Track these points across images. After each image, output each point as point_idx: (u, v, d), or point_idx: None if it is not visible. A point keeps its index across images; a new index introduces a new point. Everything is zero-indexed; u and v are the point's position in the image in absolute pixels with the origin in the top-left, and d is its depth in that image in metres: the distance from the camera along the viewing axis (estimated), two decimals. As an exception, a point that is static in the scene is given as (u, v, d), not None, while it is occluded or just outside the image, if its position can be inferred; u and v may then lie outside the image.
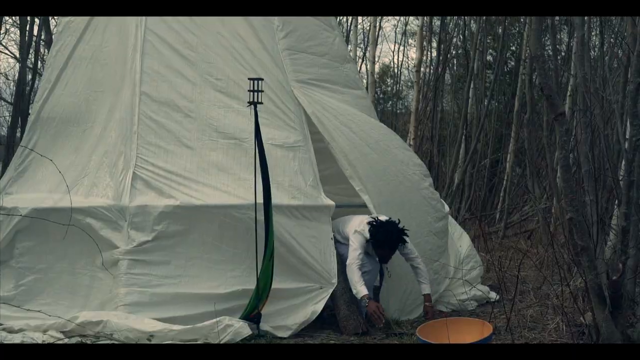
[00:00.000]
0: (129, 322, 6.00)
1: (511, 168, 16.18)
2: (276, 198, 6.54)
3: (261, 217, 6.36)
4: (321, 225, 6.84)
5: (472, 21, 19.72)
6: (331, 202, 6.93)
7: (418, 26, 14.48)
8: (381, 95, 30.76)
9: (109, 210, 6.47)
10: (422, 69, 17.32)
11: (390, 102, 30.29)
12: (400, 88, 28.05)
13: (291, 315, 6.53)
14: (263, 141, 6.45)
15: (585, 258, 5.22)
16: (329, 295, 6.69)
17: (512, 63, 23.44)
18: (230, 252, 6.59)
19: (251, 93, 6.33)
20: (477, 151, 16.05)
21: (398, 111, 27.57)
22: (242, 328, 6.10)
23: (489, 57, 22.57)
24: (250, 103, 6.33)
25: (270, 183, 6.39)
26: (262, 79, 6.36)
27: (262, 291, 6.29)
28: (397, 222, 6.83)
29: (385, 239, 6.80)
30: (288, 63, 7.53)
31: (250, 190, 6.42)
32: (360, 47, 21.03)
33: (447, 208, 8.25)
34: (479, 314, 7.64)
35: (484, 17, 15.66)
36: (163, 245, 6.44)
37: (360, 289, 6.55)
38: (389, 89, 31.21)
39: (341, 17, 19.00)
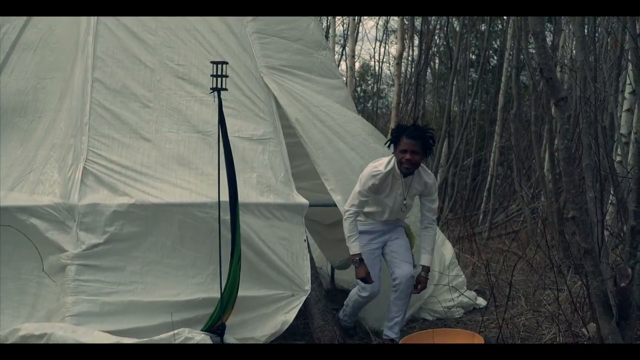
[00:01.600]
0: (76, 335, 5.32)
1: (495, 167, 15.59)
2: (243, 195, 5.92)
3: (226, 216, 5.73)
4: (293, 226, 6.21)
5: (454, 18, 19.23)
6: (304, 201, 6.30)
7: (399, 19, 13.82)
8: (362, 94, 30.20)
9: (55, 209, 5.77)
10: (403, 65, 16.83)
11: (370, 102, 29.81)
12: (381, 87, 27.57)
13: (259, 326, 5.90)
14: (229, 133, 5.79)
15: (590, 262, 4.60)
16: (301, 303, 6.05)
17: (495, 61, 23.04)
18: (192, 256, 5.94)
19: (214, 78, 5.66)
20: (460, 150, 15.46)
21: (379, 111, 27.07)
22: (203, 341, 5.44)
23: (472, 56, 22.14)
24: (213, 89, 5.66)
25: (237, 179, 5.73)
26: (226, 63, 5.69)
27: (227, 300, 5.66)
28: None
29: (403, 127, 6.17)
30: (257, 47, 6.87)
31: (214, 186, 5.78)
32: (339, 43, 20.50)
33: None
34: (467, 323, 7.04)
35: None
36: (116, 249, 5.78)
37: (351, 245, 6.01)
38: (370, 87, 30.70)
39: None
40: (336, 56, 19.91)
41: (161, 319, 5.63)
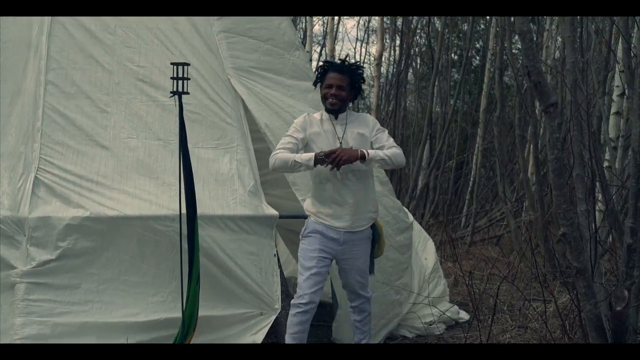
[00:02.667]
0: None
1: (478, 170, 15.22)
2: (207, 207, 5.53)
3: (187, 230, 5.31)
4: (262, 240, 5.79)
5: (435, 18, 18.86)
6: (274, 212, 5.88)
7: (379, 17, 13.41)
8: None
9: (3, 222, 5.33)
10: (384, 66, 16.45)
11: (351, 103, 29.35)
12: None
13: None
14: (192, 141, 5.37)
15: (582, 283, 4.21)
16: (270, 323, 5.65)
17: (477, 61, 22.72)
18: (152, 272, 5.52)
19: (175, 81, 5.22)
20: (442, 152, 15.07)
21: (359, 111, 26.63)
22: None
23: (454, 56, 21.83)
24: (173, 93, 5.22)
25: (196, 189, 5.31)
26: (188, 64, 5.26)
27: (189, 321, 5.23)
28: None
29: (330, 62, 5.58)
30: (224, 48, 6.43)
31: (176, 198, 5.35)
32: (318, 43, 20.10)
33: (410, 217, 7.18)
34: (448, 341, 6.62)
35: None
36: (69, 266, 5.33)
37: (301, 158, 5.14)
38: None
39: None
40: (315, 56, 19.49)
41: (117, 340, 5.22)
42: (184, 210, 5.32)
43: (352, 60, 5.52)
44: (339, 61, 5.44)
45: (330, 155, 5.04)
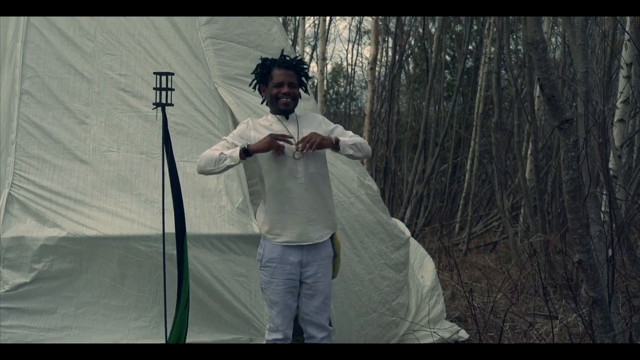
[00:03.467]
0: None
1: (475, 175, 14.88)
2: (193, 226, 5.19)
3: (172, 251, 4.95)
4: (252, 260, 5.42)
5: (429, 19, 18.55)
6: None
7: (373, 19, 13.05)
8: (334, 96, 29.45)
9: (-27, 243, 4.99)
10: (377, 67, 16.12)
11: (343, 103, 29.11)
12: (354, 89, 26.89)
13: (212, 377, 5.11)
14: (178, 154, 5.00)
15: (599, 314, 3.86)
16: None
17: (471, 62, 22.42)
18: (134, 296, 5.21)
19: (157, 92, 4.85)
20: (439, 157, 14.73)
21: (352, 112, 26.37)
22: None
23: (447, 57, 21.55)
24: (156, 105, 4.86)
25: (186, 207, 4.95)
26: (171, 74, 4.88)
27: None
28: None
29: (270, 59, 4.89)
30: (211, 55, 6.06)
31: (160, 215, 4.99)
32: (309, 44, 19.77)
33: (407, 233, 6.82)
34: (449, 364, 6.27)
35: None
36: (45, 289, 5.04)
37: (228, 156, 4.55)
38: (342, 89, 29.98)
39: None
40: (306, 57, 19.14)
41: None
42: (167, 230, 4.96)
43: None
44: (280, 57, 4.87)
45: (303, 140, 4.54)
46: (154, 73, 4.87)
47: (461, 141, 19.27)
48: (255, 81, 4.94)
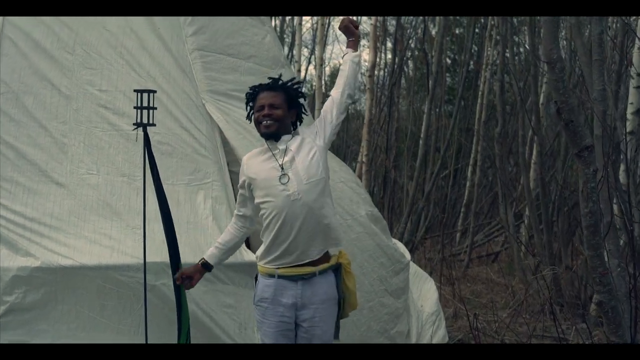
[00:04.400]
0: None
1: (478, 183, 14.51)
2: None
3: (156, 281, 4.62)
4: (241, 290, 5.06)
5: (429, 21, 18.21)
6: (254, 258, 5.13)
7: (372, 24, 12.67)
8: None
9: (-59, 274, 4.64)
10: (375, 72, 15.79)
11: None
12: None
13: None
14: (162, 177, 4.61)
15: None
16: (251, 388, 4.89)
17: (471, 65, 22.10)
18: (114, 328, 4.84)
19: (138, 111, 4.48)
20: (443, 165, 14.35)
21: (349, 114, 26.02)
22: None
23: (447, 60, 21.23)
24: (137, 125, 4.48)
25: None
26: (153, 91, 4.51)
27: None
28: None
29: (259, 85, 4.54)
30: (199, 68, 5.68)
31: (142, 243, 4.61)
32: (307, 48, 19.43)
33: (407, 256, 6.43)
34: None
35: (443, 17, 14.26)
36: (18, 322, 4.69)
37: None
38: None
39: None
40: (303, 60, 18.75)
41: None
42: (149, 258, 4.60)
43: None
44: (269, 81, 4.51)
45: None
46: (135, 91, 4.51)
47: (461, 147, 18.90)
48: (250, 113, 4.56)
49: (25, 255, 4.71)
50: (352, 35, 4.59)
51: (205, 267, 4.41)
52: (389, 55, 20.03)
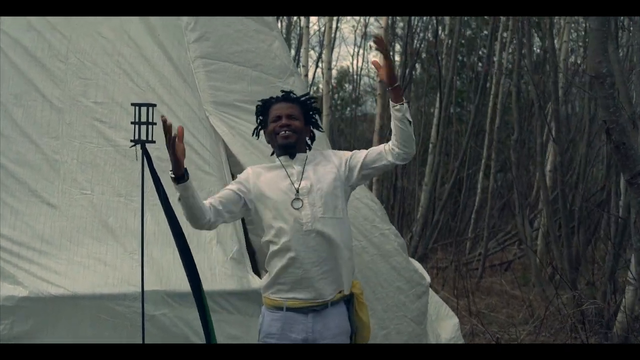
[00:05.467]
0: None
1: (493, 190, 14.09)
2: (177, 282, 4.52)
3: (155, 311, 4.26)
4: (247, 319, 4.66)
5: (436, 23, 17.85)
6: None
7: (381, 27, 12.26)
8: (339, 102, 28.74)
9: None
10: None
11: (348, 109, 28.47)
12: (360, 94, 26.23)
13: None
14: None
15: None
16: None
17: (480, 67, 21.74)
18: (110, 363, 4.40)
19: (136, 127, 4.07)
20: (456, 173, 13.95)
21: (358, 114, 25.80)
22: None
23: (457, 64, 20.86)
24: (134, 142, 4.08)
25: (164, 257, 4.29)
26: (153, 105, 4.11)
27: None
28: None
29: (269, 98, 4.15)
30: (202, 77, 5.28)
31: (139, 269, 4.21)
32: (314, 51, 19.08)
33: (427, 278, 6.00)
34: None
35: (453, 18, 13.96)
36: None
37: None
38: (347, 95, 29.28)
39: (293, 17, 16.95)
40: (311, 65, 18.37)
41: None
42: (148, 286, 4.24)
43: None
44: (282, 94, 4.13)
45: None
46: (132, 104, 4.11)
47: (471, 151, 18.49)
48: (258, 127, 4.19)
49: (13, 283, 4.34)
50: (384, 65, 3.87)
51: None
52: (397, 58, 19.74)
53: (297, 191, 3.87)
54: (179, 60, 5.25)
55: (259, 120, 4.16)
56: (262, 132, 4.18)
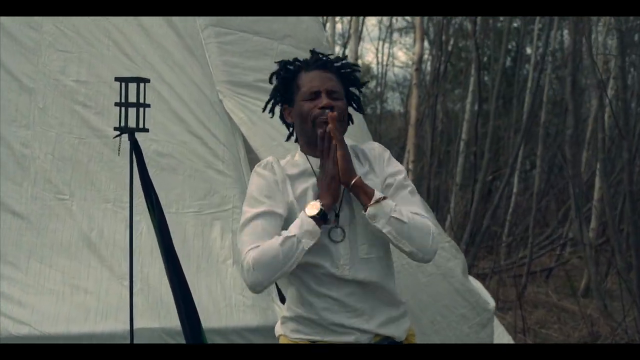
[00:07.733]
0: None
1: (540, 192, 13.14)
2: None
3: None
4: None
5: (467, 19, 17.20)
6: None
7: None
8: (362, 98, 28.01)
9: None
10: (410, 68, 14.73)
11: (371, 105, 27.69)
12: (384, 90, 25.56)
13: None
14: (163, 204, 3.18)
15: None
16: None
17: (509, 62, 20.97)
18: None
19: (123, 109, 3.02)
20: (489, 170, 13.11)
21: (382, 112, 25.13)
22: None
23: (484, 58, 20.16)
24: (120, 131, 3.03)
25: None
26: (145, 80, 3.05)
27: None
28: None
29: (287, 62, 2.92)
30: (214, 51, 4.17)
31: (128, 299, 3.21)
32: (338, 43, 18.27)
33: (492, 302, 4.85)
34: None
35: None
36: None
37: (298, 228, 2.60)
38: (369, 91, 28.47)
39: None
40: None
41: None
42: (140, 323, 3.26)
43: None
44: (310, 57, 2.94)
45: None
46: (116, 79, 3.04)
47: (502, 149, 17.59)
48: (272, 101, 3.01)
49: (-30, 321, 3.34)
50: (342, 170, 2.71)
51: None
52: (427, 54, 19.11)
53: (337, 215, 2.69)
54: (185, 29, 4.15)
55: (275, 90, 2.96)
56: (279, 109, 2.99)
